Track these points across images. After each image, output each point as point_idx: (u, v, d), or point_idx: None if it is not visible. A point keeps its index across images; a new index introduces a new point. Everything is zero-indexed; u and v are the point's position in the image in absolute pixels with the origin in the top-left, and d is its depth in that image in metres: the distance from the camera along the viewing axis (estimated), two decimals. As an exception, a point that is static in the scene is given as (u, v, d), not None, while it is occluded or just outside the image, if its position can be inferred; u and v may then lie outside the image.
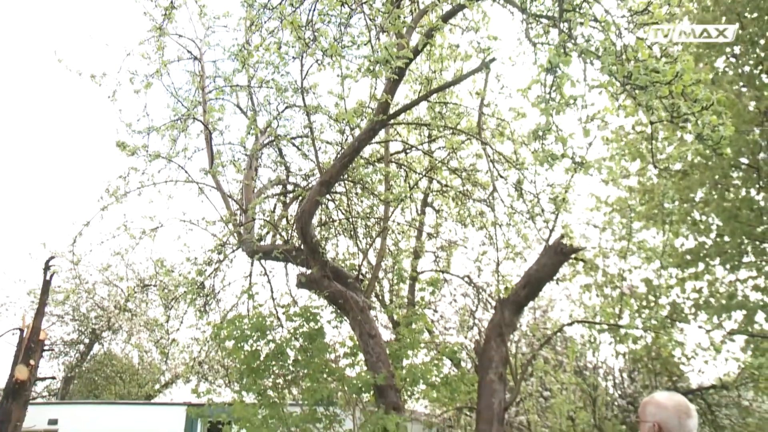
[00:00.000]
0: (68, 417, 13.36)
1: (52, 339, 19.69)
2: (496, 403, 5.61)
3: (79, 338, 20.43)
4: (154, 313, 16.89)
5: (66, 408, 14.17)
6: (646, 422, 3.17)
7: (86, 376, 21.00)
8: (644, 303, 9.11)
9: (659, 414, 3.18)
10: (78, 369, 20.63)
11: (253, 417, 5.87)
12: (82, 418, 13.18)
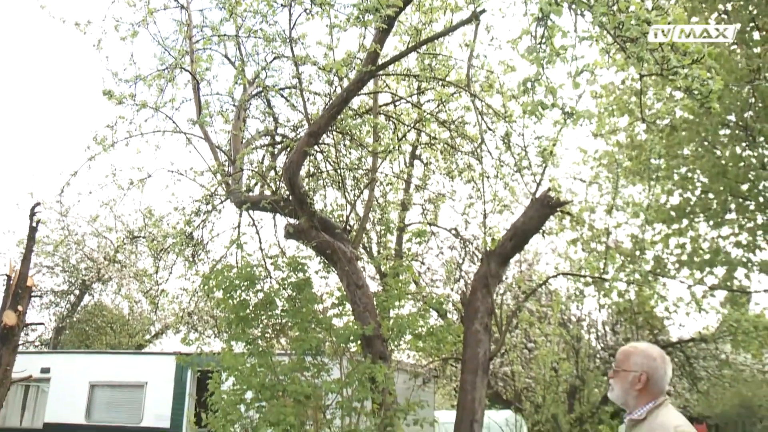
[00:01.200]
0: (60, 365, 13.48)
1: (42, 290, 19.78)
2: (481, 353, 5.72)
3: (70, 289, 20.53)
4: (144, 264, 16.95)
5: (58, 357, 14.30)
6: (631, 372, 3.20)
7: (77, 326, 21.14)
8: (629, 258, 9.24)
9: (648, 364, 3.22)
10: (69, 319, 20.77)
11: (242, 366, 5.95)
12: (73, 366, 13.30)
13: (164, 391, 11.84)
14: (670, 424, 3.02)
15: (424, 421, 6.07)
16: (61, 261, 19.50)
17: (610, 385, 3.32)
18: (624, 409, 3.29)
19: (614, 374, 3.29)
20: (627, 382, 3.20)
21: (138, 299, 19.67)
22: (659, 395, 3.17)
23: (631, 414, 3.19)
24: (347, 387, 5.77)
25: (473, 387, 5.65)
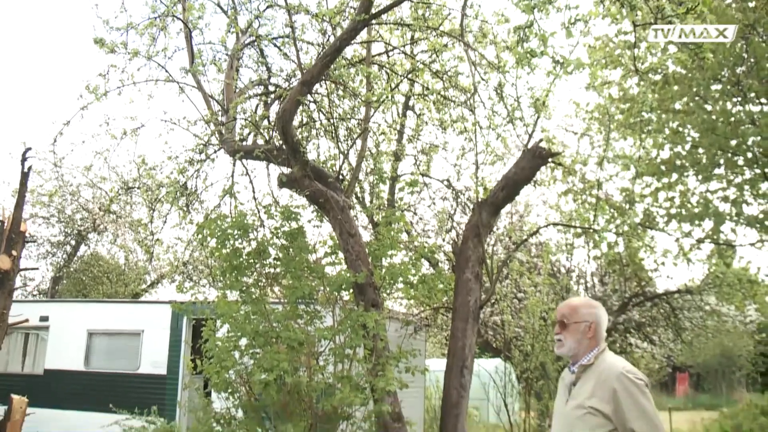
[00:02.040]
0: (58, 314, 13.66)
1: (36, 237, 19.86)
2: (471, 301, 5.85)
3: (66, 239, 20.64)
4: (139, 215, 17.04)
5: (56, 305, 14.48)
6: (582, 322, 3.37)
7: (74, 276, 21.33)
8: (619, 211, 9.33)
9: (594, 313, 3.42)
10: (66, 269, 20.93)
11: (235, 313, 6.07)
12: (71, 315, 13.48)
13: (160, 338, 12.05)
14: (618, 366, 3.22)
15: (416, 369, 6.21)
16: (56, 212, 19.54)
17: (559, 341, 3.43)
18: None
19: (563, 328, 3.43)
20: (579, 332, 3.38)
21: (133, 249, 19.81)
22: (601, 341, 3.39)
23: (580, 361, 3.35)
24: (340, 334, 5.90)
25: (464, 334, 5.79)
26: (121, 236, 18.72)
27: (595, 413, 3.16)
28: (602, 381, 3.20)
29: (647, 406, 3.13)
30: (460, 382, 5.70)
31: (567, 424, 3.31)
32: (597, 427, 3.16)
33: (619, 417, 3.13)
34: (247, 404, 6.19)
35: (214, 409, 6.69)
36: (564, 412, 3.38)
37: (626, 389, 3.13)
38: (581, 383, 3.32)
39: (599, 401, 3.16)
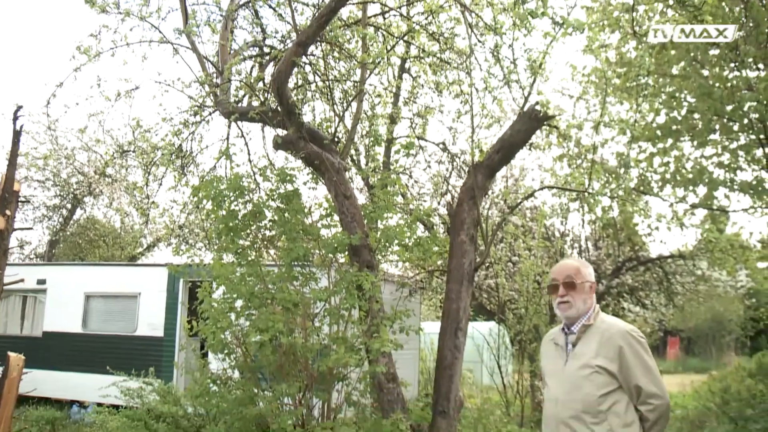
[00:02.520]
0: (55, 277, 13.75)
1: (35, 204, 19.88)
2: (466, 263, 5.88)
3: (61, 203, 20.65)
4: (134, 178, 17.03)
5: (53, 269, 14.57)
6: (587, 282, 3.46)
7: (70, 239, 21.40)
8: (614, 175, 9.34)
9: (592, 273, 3.54)
10: (62, 233, 20.99)
11: (231, 275, 6.11)
12: (68, 278, 13.57)
13: (157, 301, 12.16)
14: (620, 324, 3.34)
15: (410, 329, 6.26)
16: (51, 175, 19.53)
17: (567, 303, 3.43)
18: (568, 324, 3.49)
19: (571, 289, 3.44)
20: (584, 292, 3.44)
21: (129, 212, 19.85)
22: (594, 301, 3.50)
23: (580, 321, 3.41)
24: (335, 295, 5.95)
25: (458, 296, 5.84)
26: (117, 200, 18.74)
27: (602, 372, 3.22)
28: (606, 340, 3.27)
29: (651, 362, 3.23)
30: (455, 343, 5.76)
31: (573, 385, 3.32)
32: (603, 386, 3.21)
33: (624, 374, 3.20)
34: (243, 365, 6.26)
35: (210, 370, 6.77)
36: (567, 372, 3.38)
37: (632, 347, 3.21)
38: (583, 343, 3.36)
39: (605, 360, 3.22)
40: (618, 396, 3.20)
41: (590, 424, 3.20)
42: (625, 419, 3.18)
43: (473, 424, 7.49)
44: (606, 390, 3.20)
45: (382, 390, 5.72)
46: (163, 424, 7.22)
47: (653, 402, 3.17)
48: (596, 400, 3.20)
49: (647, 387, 3.16)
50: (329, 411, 6.12)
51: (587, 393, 3.23)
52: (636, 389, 3.18)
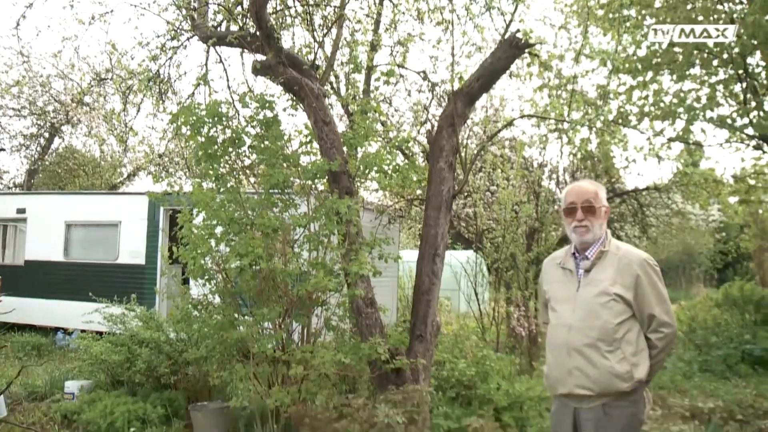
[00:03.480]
0: (35, 206, 13.69)
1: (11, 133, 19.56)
2: (444, 190, 5.95)
3: (39, 132, 20.30)
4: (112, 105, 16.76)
5: (32, 197, 14.47)
6: (603, 206, 3.41)
7: (49, 169, 21.14)
8: (593, 107, 9.38)
9: (606, 197, 3.49)
10: (40, 162, 20.71)
11: (211, 201, 6.13)
12: (48, 207, 13.52)
13: (138, 229, 12.19)
14: (637, 252, 3.33)
15: (389, 256, 6.36)
16: (27, 103, 19.11)
17: (585, 227, 3.37)
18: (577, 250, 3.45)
19: (589, 213, 3.37)
20: (602, 217, 3.40)
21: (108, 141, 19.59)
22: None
23: (595, 246, 3.36)
24: (314, 221, 6.01)
25: (436, 223, 5.93)
26: (96, 128, 18.46)
27: (619, 300, 3.22)
28: (623, 267, 3.25)
29: (664, 291, 3.26)
30: (432, 269, 5.88)
31: (589, 312, 3.29)
32: (621, 314, 3.22)
33: (639, 303, 3.22)
34: (224, 290, 6.35)
35: (191, 295, 6.87)
36: (581, 299, 3.34)
37: (648, 276, 3.22)
38: (599, 270, 3.32)
39: (622, 288, 3.22)
40: (631, 324, 3.24)
41: (605, 351, 3.22)
42: (637, 347, 3.23)
43: (450, 348, 7.71)
44: (622, 318, 3.22)
45: (361, 314, 5.85)
46: (146, 349, 7.36)
47: (664, 330, 3.22)
48: (613, 329, 3.21)
49: (660, 316, 3.20)
50: (309, 335, 6.26)
51: (605, 321, 3.23)
52: (649, 318, 3.22)
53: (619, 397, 3.22)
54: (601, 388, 3.22)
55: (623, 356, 3.20)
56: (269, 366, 5.97)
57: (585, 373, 3.25)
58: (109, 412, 6.70)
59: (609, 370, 3.19)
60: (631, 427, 3.24)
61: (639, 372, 3.20)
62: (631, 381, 3.18)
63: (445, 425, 6.12)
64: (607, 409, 3.23)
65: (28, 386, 8.51)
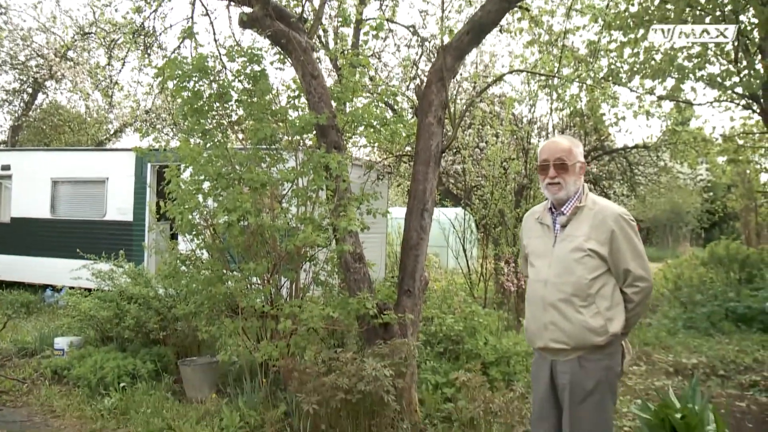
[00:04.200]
0: (21, 162, 13.54)
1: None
2: (433, 145, 5.89)
3: (21, 87, 19.91)
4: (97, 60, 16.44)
5: (17, 154, 14.27)
6: (577, 162, 3.39)
7: (34, 125, 20.81)
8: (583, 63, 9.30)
9: (581, 153, 3.46)
10: (24, 118, 20.37)
11: (198, 156, 6.07)
12: (34, 163, 13.37)
13: (125, 186, 12.11)
14: (613, 207, 3.30)
15: (377, 211, 6.35)
16: (8, 57, 18.71)
17: (558, 185, 3.36)
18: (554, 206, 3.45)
19: (561, 171, 3.37)
20: (575, 173, 3.37)
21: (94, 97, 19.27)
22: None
23: (570, 202, 3.35)
24: (302, 176, 5.97)
25: (425, 178, 5.89)
26: (80, 83, 18.12)
27: (593, 255, 3.22)
28: (599, 222, 3.24)
29: (640, 246, 3.24)
30: (421, 224, 5.86)
31: (564, 268, 3.30)
32: (595, 269, 3.23)
33: (614, 258, 3.21)
34: (212, 246, 6.34)
35: (179, 251, 6.85)
36: (557, 254, 3.35)
37: (623, 231, 3.21)
38: (574, 225, 3.32)
39: (597, 243, 3.22)
40: (606, 279, 3.25)
41: (579, 306, 3.25)
42: (612, 301, 3.24)
43: (438, 304, 7.77)
44: (596, 273, 3.23)
45: (349, 269, 5.85)
46: (135, 305, 7.37)
47: (639, 285, 3.22)
48: (587, 284, 3.23)
49: (636, 270, 3.20)
50: (297, 290, 6.29)
51: (579, 276, 3.24)
52: (625, 273, 3.22)
53: (594, 350, 3.26)
54: (576, 342, 3.26)
55: (597, 311, 3.22)
56: (258, 321, 5.99)
57: (560, 327, 3.30)
58: (99, 367, 6.74)
59: (583, 325, 3.23)
60: (606, 380, 3.27)
61: (613, 326, 3.22)
62: (605, 335, 3.21)
63: (433, 379, 6.21)
64: (583, 362, 3.28)
65: (18, 342, 8.54)
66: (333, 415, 4.99)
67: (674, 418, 3.93)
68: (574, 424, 3.30)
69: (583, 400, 3.28)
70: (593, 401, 3.26)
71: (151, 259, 11.24)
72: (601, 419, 3.27)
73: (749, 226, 19.35)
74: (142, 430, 5.53)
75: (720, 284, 11.68)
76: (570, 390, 3.31)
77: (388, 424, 5.15)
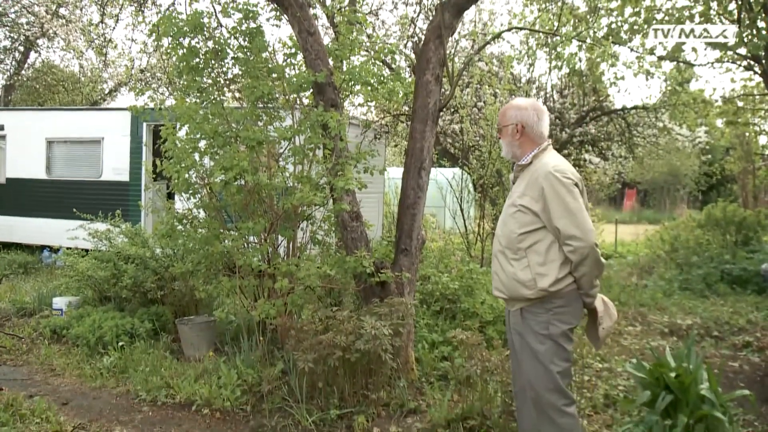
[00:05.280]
0: (14, 122, 13.40)
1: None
2: (431, 103, 5.84)
3: (12, 45, 19.56)
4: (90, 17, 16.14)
5: (11, 114, 14.08)
6: (509, 125, 3.52)
7: (27, 84, 20.52)
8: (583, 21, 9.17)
9: (519, 115, 3.52)
10: (17, 77, 20.07)
11: (194, 114, 6.00)
12: (28, 123, 13.24)
13: (121, 145, 12.02)
14: (549, 165, 3.33)
15: (374, 169, 6.33)
16: (-2, 15, 18.34)
17: (501, 146, 3.65)
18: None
19: (499, 133, 3.62)
20: (508, 135, 3.54)
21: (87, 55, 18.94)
22: (541, 141, 3.49)
23: (521, 161, 3.50)
24: (299, 134, 5.92)
25: (422, 136, 5.85)
26: (73, 41, 17.80)
27: (525, 211, 3.33)
28: (533, 180, 3.33)
29: (573, 204, 3.21)
30: (418, 182, 5.83)
31: (503, 221, 3.51)
32: (527, 225, 3.33)
33: (546, 215, 3.27)
34: (208, 205, 6.32)
35: (176, 210, 6.83)
36: (503, 209, 3.58)
37: (553, 188, 3.24)
38: (518, 182, 3.49)
39: (530, 200, 3.32)
40: (541, 235, 3.32)
41: (510, 259, 3.40)
42: (546, 258, 3.31)
43: (435, 263, 7.79)
44: (527, 229, 3.34)
45: (346, 228, 5.85)
46: (132, 265, 7.37)
47: (572, 244, 3.21)
48: (516, 238, 3.37)
49: (565, 228, 3.21)
50: (294, 249, 6.29)
51: (511, 230, 3.41)
52: (555, 230, 3.26)
53: (533, 303, 3.37)
54: (510, 293, 3.44)
55: (527, 265, 3.33)
56: (255, 279, 6.00)
57: (499, 277, 3.52)
58: (97, 327, 6.77)
59: (513, 277, 3.39)
60: (548, 335, 3.34)
61: (543, 282, 3.29)
62: (534, 289, 3.31)
63: (430, 338, 6.25)
64: (525, 314, 3.42)
65: (16, 303, 8.58)
66: (330, 373, 5.02)
67: (669, 377, 3.96)
68: (522, 373, 3.49)
69: (525, 351, 3.43)
70: (532, 353, 3.38)
71: (147, 218, 11.21)
72: (541, 372, 3.36)
73: (746, 189, 19.36)
74: (141, 388, 5.58)
75: (716, 246, 11.73)
76: (516, 340, 3.50)
77: (385, 383, 5.20)
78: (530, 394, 3.43)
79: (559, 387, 3.34)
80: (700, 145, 20.97)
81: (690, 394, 3.87)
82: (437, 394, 5.29)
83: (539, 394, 3.37)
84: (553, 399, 3.34)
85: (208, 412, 5.13)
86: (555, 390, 3.34)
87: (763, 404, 5.18)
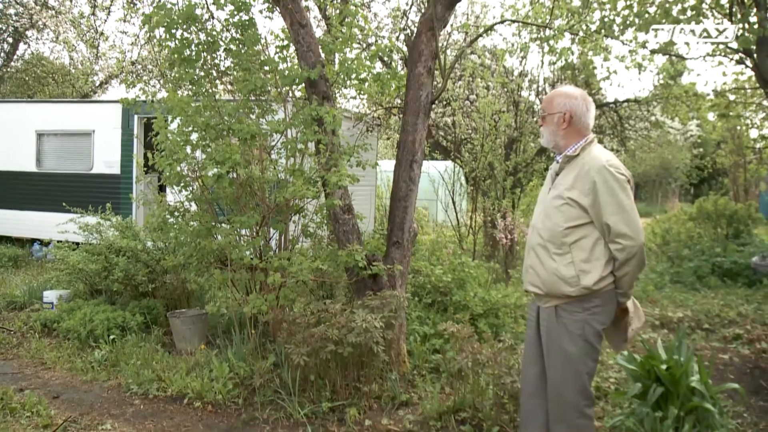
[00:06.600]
0: (3, 115, 13.28)
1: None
2: (423, 95, 5.82)
3: (1, 37, 19.35)
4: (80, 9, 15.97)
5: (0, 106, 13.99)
6: (555, 113, 3.38)
7: (16, 76, 20.33)
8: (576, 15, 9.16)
9: (569, 103, 3.38)
10: (6, 69, 19.88)
11: (186, 106, 5.97)
12: (17, 115, 13.12)
13: (112, 138, 11.95)
14: (602, 158, 3.22)
15: (367, 163, 6.31)
16: (-14, 6, 18.13)
17: (541, 134, 3.51)
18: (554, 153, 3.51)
19: (542, 121, 3.49)
20: (554, 124, 3.39)
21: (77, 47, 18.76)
22: (586, 132, 3.37)
23: (565, 151, 3.36)
24: (291, 128, 5.90)
25: (414, 128, 5.84)
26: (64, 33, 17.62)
27: (573, 204, 3.20)
28: (584, 173, 3.20)
29: (626, 201, 3.12)
30: (410, 175, 5.83)
31: (545, 213, 3.35)
32: (573, 219, 3.21)
33: (596, 210, 3.15)
34: (200, 198, 6.30)
35: (167, 202, 6.80)
36: (546, 201, 3.40)
37: (606, 183, 3.13)
38: (564, 174, 3.33)
39: (579, 193, 3.19)
40: (587, 231, 3.21)
41: (553, 253, 3.27)
42: (591, 254, 3.20)
43: (427, 256, 7.79)
44: (574, 223, 3.22)
45: (338, 221, 5.83)
46: (123, 258, 7.34)
47: (621, 242, 3.12)
48: (561, 232, 3.24)
49: (616, 226, 3.11)
50: (286, 242, 6.27)
51: (555, 223, 3.27)
52: (605, 227, 3.15)
53: (570, 301, 3.26)
54: (549, 289, 3.31)
55: (571, 261, 3.22)
56: (247, 273, 5.99)
57: (536, 271, 3.38)
58: (88, 320, 6.74)
59: (555, 272, 3.26)
60: (582, 335, 3.25)
61: (587, 279, 3.19)
62: (577, 286, 3.20)
63: (422, 330, 6.26)
64: (559, 311, 3.31)
65: (6, 296, 8.53)
66: (322, 366, 5.03)
67: (660, 369, 3.98)
68: (548, 371, 3.40)
69: (555, 350, 3.33)
70: (563, 353, 3.29)
71: (138, 211, 11.17)
72: (570, 373, 3.28)
73: (737, 182, 19.46)
74: (133, 381, 5.56)
75: (707, 239, 11.79)
76: (546, 338, 3.39)
77: (377, 375, 5.21)
78: (552, 393, 3.36)
79: (584, 388, 3.28)
80: (691, 139, 21.06)
81: (681, 387, 3.90)
82: (429, 386, 5.30)
83: (562, 394, 3.31)
84: (576, 399, 3.28)
85: (200, 405, 5.13)
86: (580, 391, 3.28)
87: (753, 396, 5.22)
